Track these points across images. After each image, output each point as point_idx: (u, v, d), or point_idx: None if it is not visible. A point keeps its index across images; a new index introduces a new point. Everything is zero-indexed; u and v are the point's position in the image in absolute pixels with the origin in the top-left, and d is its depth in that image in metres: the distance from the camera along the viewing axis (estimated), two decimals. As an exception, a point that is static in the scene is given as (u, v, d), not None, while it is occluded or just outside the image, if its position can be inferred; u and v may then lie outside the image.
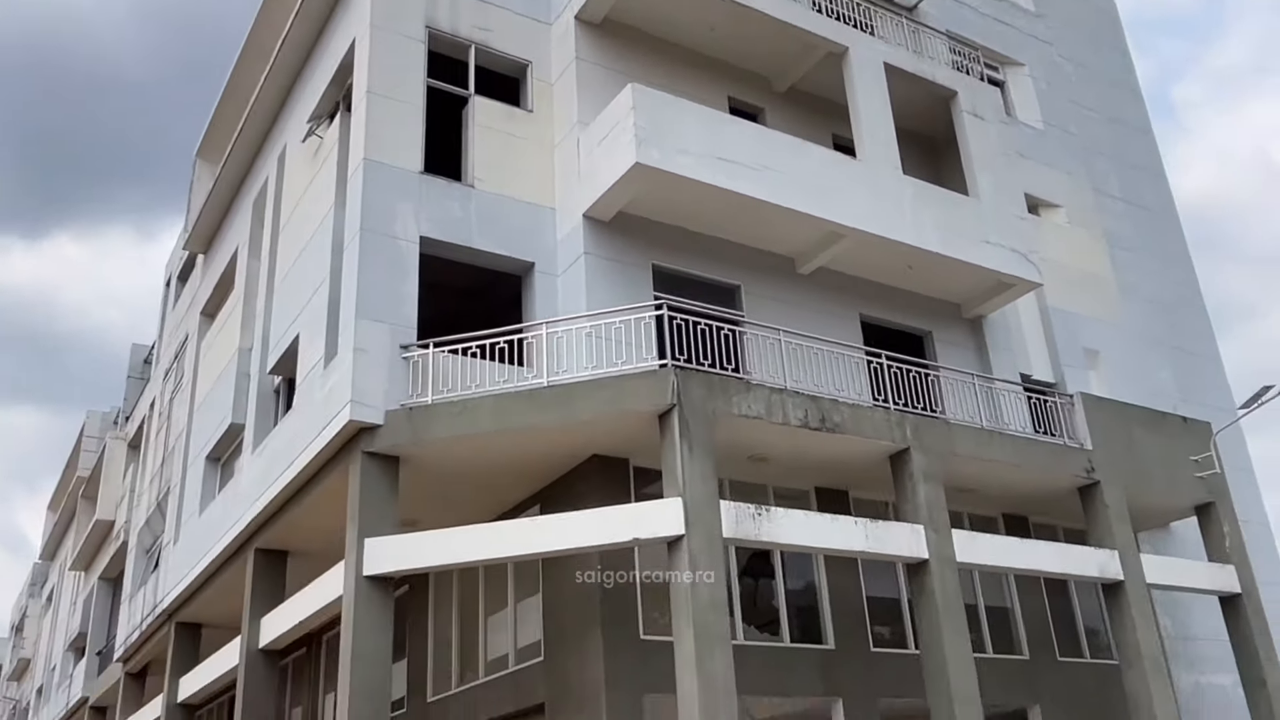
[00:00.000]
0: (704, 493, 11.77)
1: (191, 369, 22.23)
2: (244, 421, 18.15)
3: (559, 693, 13.40)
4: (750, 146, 15.23)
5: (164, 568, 21.06)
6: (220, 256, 21.94)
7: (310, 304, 15.17)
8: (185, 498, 20.67)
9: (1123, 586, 15.22)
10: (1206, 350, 22.73)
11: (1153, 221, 23.45)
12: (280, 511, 15.40)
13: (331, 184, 15.27)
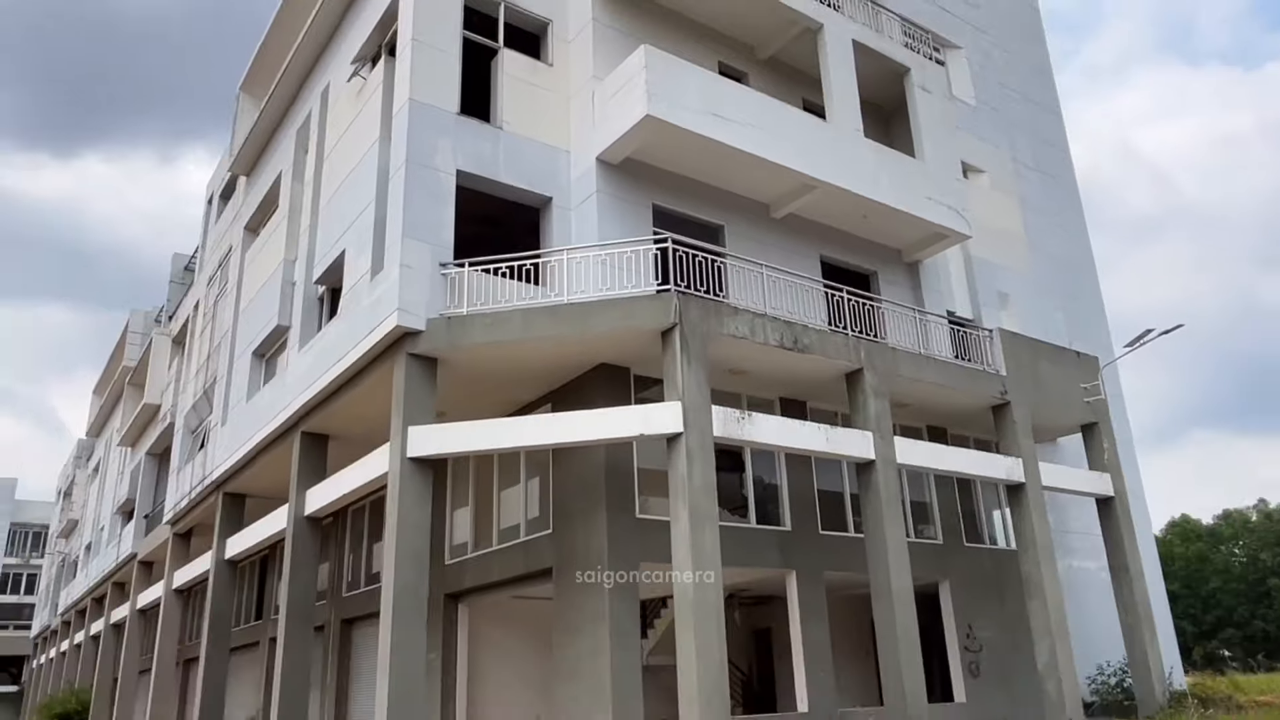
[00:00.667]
0: (699, 399, 11.90)
1: (236, 276, 21.68)
2: (289, 323, 17.81)
3: (565, 559, 13.60)
4: (741, 106, 15.05)
5: (212, 446, 20.81)
6: (263, 179, 21.27)
7: (356, 224, 14.83)
8: (232, 387, 20.35)
9: (1024, 488, 15.74)
10: (1092, 298, 23.24)
11: (1057, 189, 23.71)
12: (325, 401, 15.23)
13: (376, 120, 14.82)
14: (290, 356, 16.88)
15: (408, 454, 12.28)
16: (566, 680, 13.02)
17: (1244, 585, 66.59)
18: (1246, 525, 72.13)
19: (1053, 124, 24.52)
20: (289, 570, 15.44)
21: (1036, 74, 24.63)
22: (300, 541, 15.60)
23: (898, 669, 12.86)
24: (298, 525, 15.64)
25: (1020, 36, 24.59)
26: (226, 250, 23.49)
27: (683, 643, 11.06)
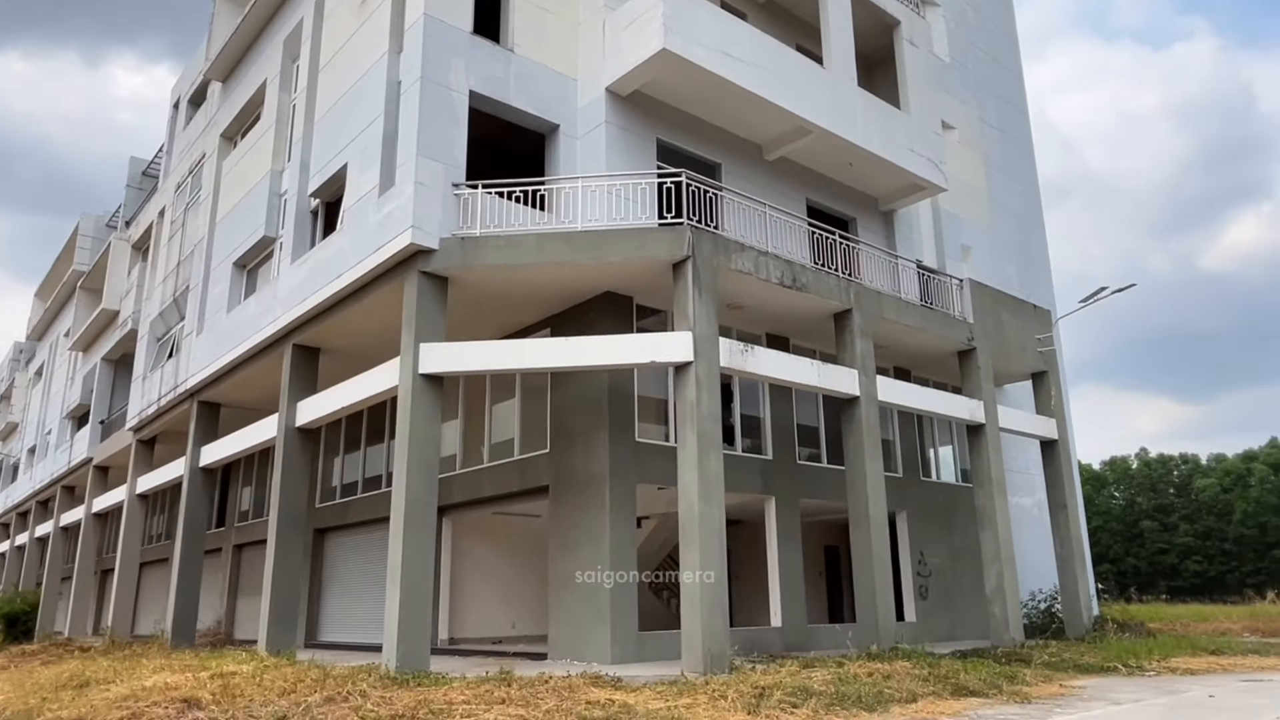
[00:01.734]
0: (708, 330, 11.95)
1: (212, 185, 20.67)
2: (276, 235, 17.19)
3: (562, 478, 13.68)
4: (748, 45, 14.86)
5: (186, 355, 20.05)
6: (243, 86, 20.16)
7: (361, 138, 14.23)
8: (209, 297, 19.57)
9: (984, 428, 16.33)
10: (1040, 254, 23.89)
11: (1016, 149, 24.12)
12: (321, 315, 14.80)
13: (385, 33, 14.12)
14: (281, 269, 16.28)
15: (419, 370, 12.09)
16: (563, 592, 13.18)
17: (1121, 526, 70.82)
18: (1128, 472, 76.39)
19: (1015, 86, 24.84)
20: (280, 479, 15.14)
21: (1004, 36, 24.83)
22: (291, 451, 15.30)
23: (871, 589, 13.39)
24: (289, 436, 15.32)
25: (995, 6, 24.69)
26: (199, 157, 22.33)
27: (687, 559, 11.29)
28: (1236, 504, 68.10)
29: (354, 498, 19.15)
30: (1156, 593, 59.04)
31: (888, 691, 9.57)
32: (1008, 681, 10.65)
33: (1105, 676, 12.15)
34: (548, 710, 8.24)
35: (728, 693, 9.20)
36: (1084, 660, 13.25)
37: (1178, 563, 68.22)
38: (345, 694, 9.09)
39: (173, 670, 12.55)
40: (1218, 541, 68.11)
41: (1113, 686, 10.97)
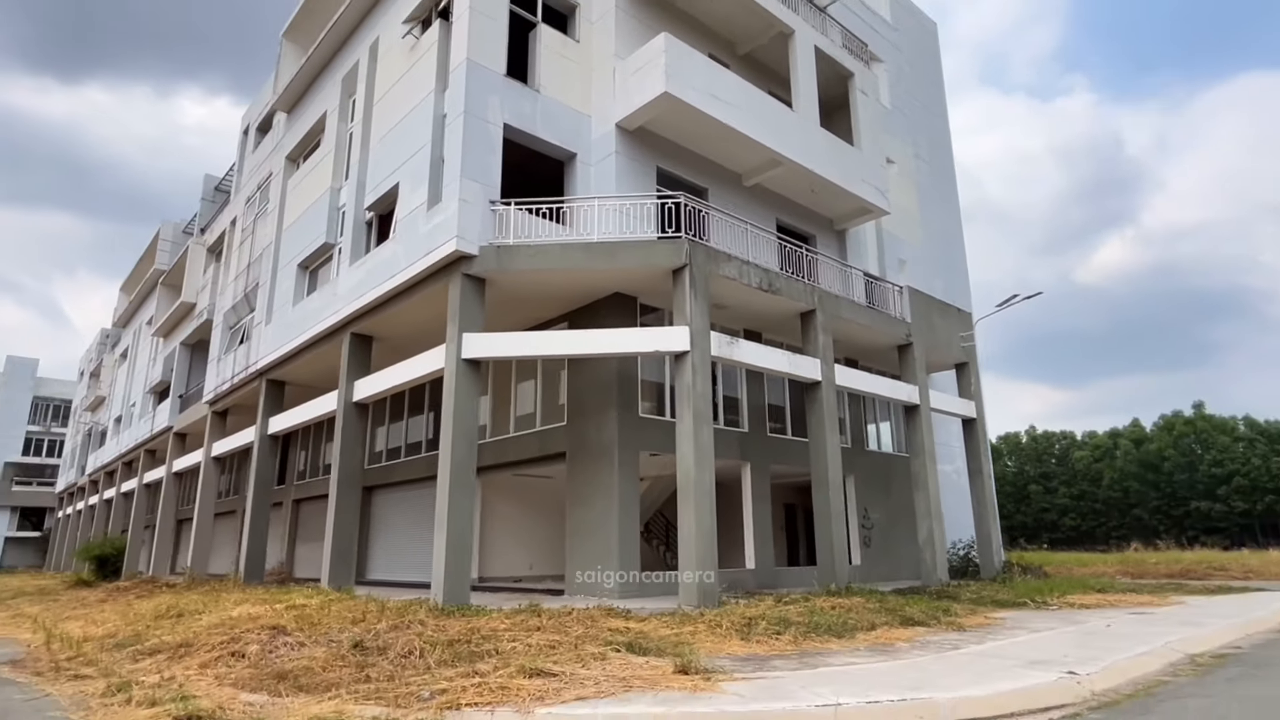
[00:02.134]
0: (701, 325, 11.93)
1: (278, 199, 20.31)
2: (335, 241, 16.93)
3: (577, 445, 13.63)
4: (733, 90, 14.81)
5: (256, 341, 19.74)
6: (306, 117, 19.81)
7: (411, 162, 14.04)
8: (276, 293, 19.26)
9: (919, 409, 16.46)
10: (961, 268, 24.05)
11: (942, 180, 24.22)
12: (376, 309, 14.59)
13: (432, 74, 13.92)
14: (340, 270, 16.05)
15: (462, 356, 11.98)
16: (579, 540, 13.16)
17: (1013, 489, 71.79)
18: (1018, 445, 77.41)
19: (941, 128, 24.93)
20: (340, 445, 14.95)
21: (933, 88, 24.89)
22: (349, 422, 15.11)
23: (830, 539, 13.48)
24: (347, 409, 15.13)
25: (924, 57, 24.73)
26: (267, 176, 21.91)
27: (684, 515, 11.29)
28: (1105, 472, 69.26)
29: (397, 461, 18.99)
30: (1039, 543, 60.02)
31: (851, 621, 9.64)
32: (944, 614, 10.75)
33: (1018, 610, 12.27)
34: (578, 636, 8.22)
35: (722, 622, 9.24)
36: (999, 597, 13.39)
37: (1057, 519, 69.42)
38: (406, 622, 9.01)
39: (251, 603, 12.35)
40: (1089, 502, 69.26)
41: (1027, 619, 11.09)
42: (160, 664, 7.95)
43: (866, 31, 21.30)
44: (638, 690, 5.99)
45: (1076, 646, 8.20)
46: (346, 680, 6.53)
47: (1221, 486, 62.32)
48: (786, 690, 5.96)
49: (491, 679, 6.24)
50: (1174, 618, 11.15)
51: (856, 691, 5.82)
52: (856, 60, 18.38)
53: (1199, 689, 6.50)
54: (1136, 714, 5.64)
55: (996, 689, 5.94)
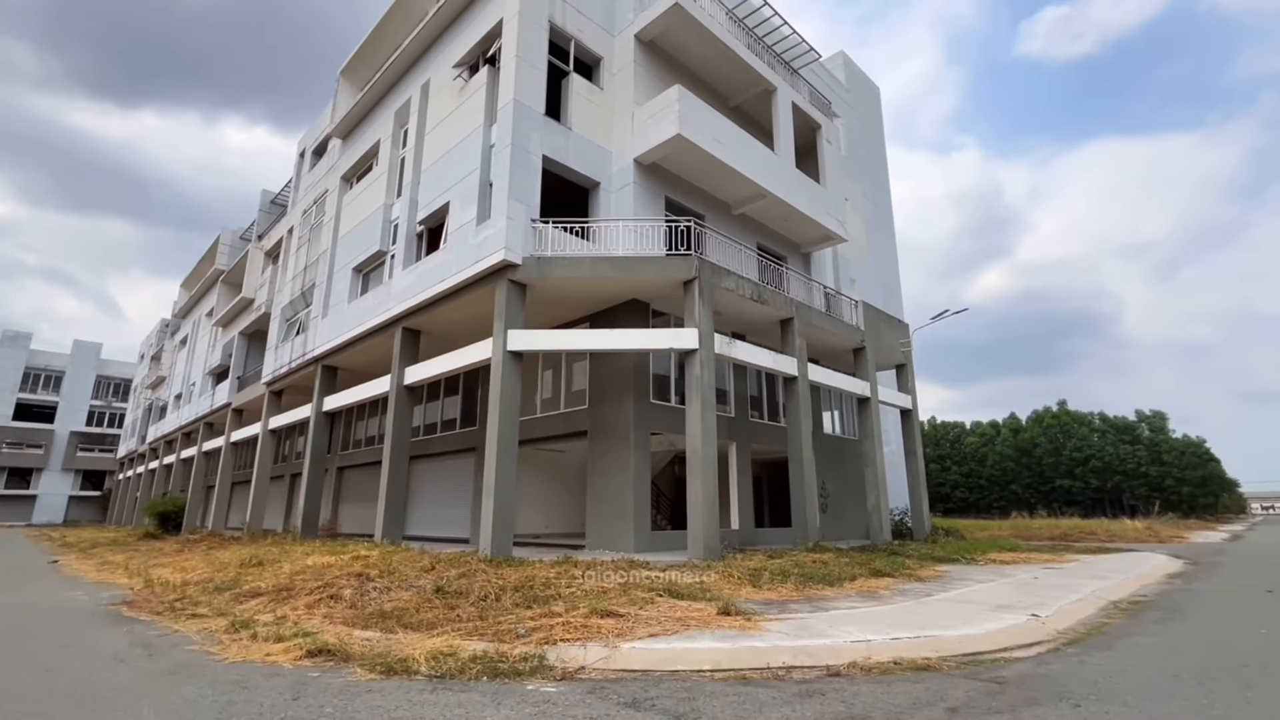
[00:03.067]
0: (707, 327, 11.90)
1: (334, 212, 19.72)
2: (387, 249, 16.52)
3: (598, 425, 13.50)
4: (730, 135, 14.78)
5: (312, 332, 19.13)
6: (360, 143, 19.27)
7: (460, 185, 13.74)
8: (332, 291, 18.70)
9: (869, 400, 16.66)
10: (896, 287, 24.43)
11: (882, 214, 24.56)
12: (426, 307, 14.24)
13: (480, 111, 13.65)
14: (395, 273, 15.64)
15: (508, 348, 11.77)
16: (599, 505, 13.04)
17: (916, 467, 72.91)
18: (922, 431, 78.80)
19: (882, 173, 25.29)
20: (393, 421, 14.59)
21: (876, 139, 25.21)
22: (400, 402, 14.74)
23: (803, 505, 13.57)
24: (399, 391, 14.76)
25: (870, 114, 25.03)
26: (323, 192, 21.27)
27: (692, 483, 11.26)
28: (989, 455, 70.99)
29: (432, 435, 18.61)
30: (936, 511, 61.36)
31: (834, 573, 9.68)
32: (902, 568, 10.88)
33: (955, 565, 12.37)
34: (621, 583, 8.13)
35: (732, 572, 9.21)
36: (936, 554, 13.52)
37: (950, 491, 70.92)
38: (469, 570, 8.82)
39: (320, 553, 11.94)
40: (976, 479, 70.90)
41: (966, 572, 11.20)
42: (266, 605, 7.64)
43: (828, 91, 21.46)
44: (695, 628, 5.94)
45: (1022, 594, 8.35)
46: (442, 620, 6.36)
47: (1079, 468, 64.44)
48: (817, 629, 5.97)
49: (569, 618, 6.14)
50: (1081, 572, 11.43)
51: (877, 629, 5.86)
52: (822, 114, 18.50)
53: (1137, 629, 6.68)
54: (1101, 649, 5.76)
55: (987, 628, 6.03)
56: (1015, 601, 7.65)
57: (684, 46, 15.43)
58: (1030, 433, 69.25)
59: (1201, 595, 9.24)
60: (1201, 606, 8.12)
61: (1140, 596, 9.06)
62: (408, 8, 17.71)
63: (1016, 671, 4.99)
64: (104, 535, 27.53)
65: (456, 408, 18.31)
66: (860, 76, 24.62)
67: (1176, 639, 6.20)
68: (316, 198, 21.71)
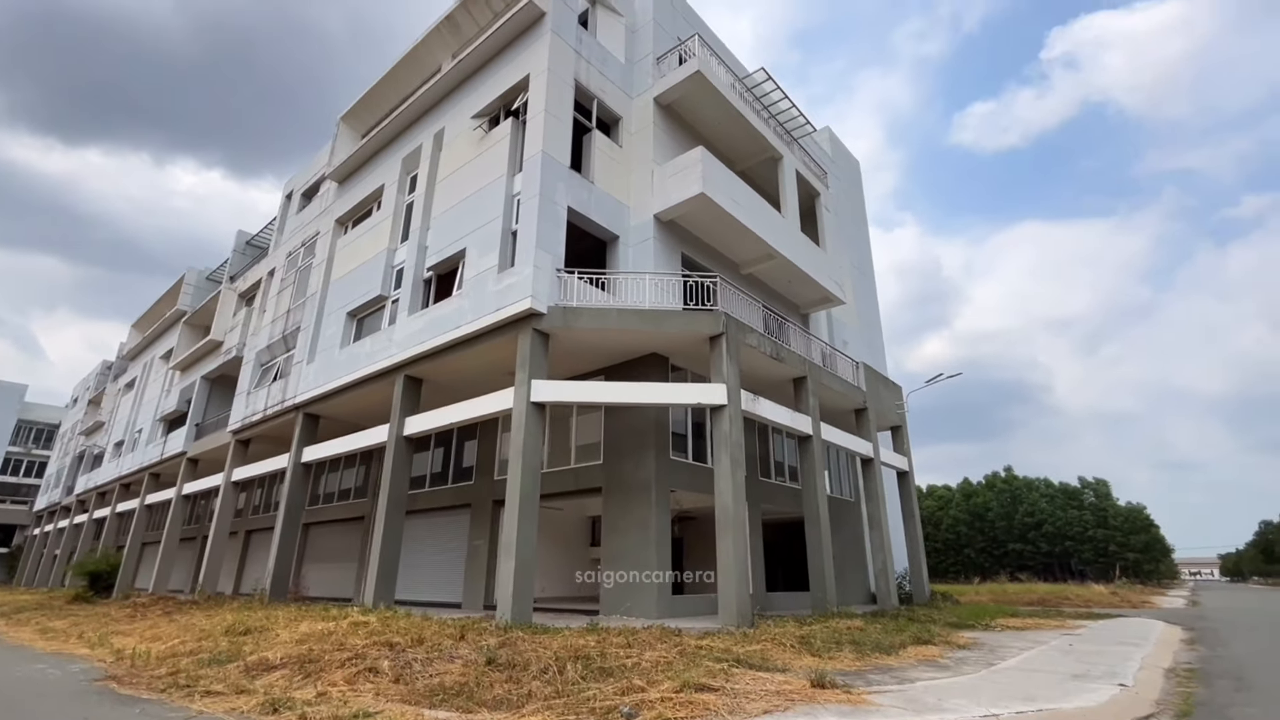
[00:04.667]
0: (735, 383, 11.78)
1: (325, 254, 19.11)
2: (388, 295, 16.00)
3: (613, 482, 13.02)
4: (745, 197, 15.15)
5: (295, 377, 18.11)
6: (360, 188, 18.89)
7: (480, 232, 13.51)
8: (320, 336, 17.89)
9: (873, 461, 16.70)
10: (880, 349, 25.03)
11: (865, 281, 25.42)
12: (435, 355, 13.72)
13: (504, 161, 13.61)
14: (399, 318, 15.08)
15: (531, 399, 11.35)
16: (615, 566, 12.39)
17: (875, 530, 73.23)
18: (879, 495, 79.55)
19: (865, 242, 26.34)
20: (390, 473, 13.75)
21: (858, 210, 26.36)
22: (399, 454, 13.95)
23: (821, 567, 13.27)
24: (398, 443, 13.99)
25: (853, 186, 26.24)
26: (313, 235, 20.66)
27: (722, 545, 10.86)
28: (943, 518, 72.16)
29: (419, 490, 17.63)
30: (899, 575, 61.34)
31: (880, 640, 9.36)
32: (933, 634, 10.62)
33: (974, 631, 12.18)
34: (678, 650, 7.59)
35: (783, 640, 8.78)
36: (950, 620, 13.34)
37: (909, 555, 71.43)
38: (509, 640, 8.13)
39: (312, 620, 10.97)
40: (931, 542, 71.46)
41: (995, 639, 10.90)
42: (290, 679, 6.79)
43: (821, 162, 22.45)
44: (800, 703, 5.52)
45: (1078, 663, 8.19)
46: (514, 696, 5.74)
47: (1031, 532, 66.04)
48: (928, 702, 5.63)
49: (661, 693, 5.62)
50: (1102, 638, 11.36)
51: (986, 703, 5.56)
52: (819, 183, 19.26)
53: (1223, 698, 6.56)
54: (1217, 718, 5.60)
55: (1093, 700, 5.82)
56: (1083, 670, 7.48)
57: (699, 111, 15.93)
58: (983, 497, 70.82)
59: (1242, 661, 9.27)
60: (1257, 672, 8.11)
61: (1186, 664, 9.02)
62: (420, 60, 17.84)
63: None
64: (21, 598, 24.67)
65: (447, 461, 17.47)
66: (844, 151, 25.93)
67: (1271, 703, 6.11)
68: (305, 240, 21.06)
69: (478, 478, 16.05)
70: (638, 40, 16.28)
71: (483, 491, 15.69)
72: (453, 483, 16.84)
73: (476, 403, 12.51)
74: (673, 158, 14.74)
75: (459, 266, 14.01)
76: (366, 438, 15.04)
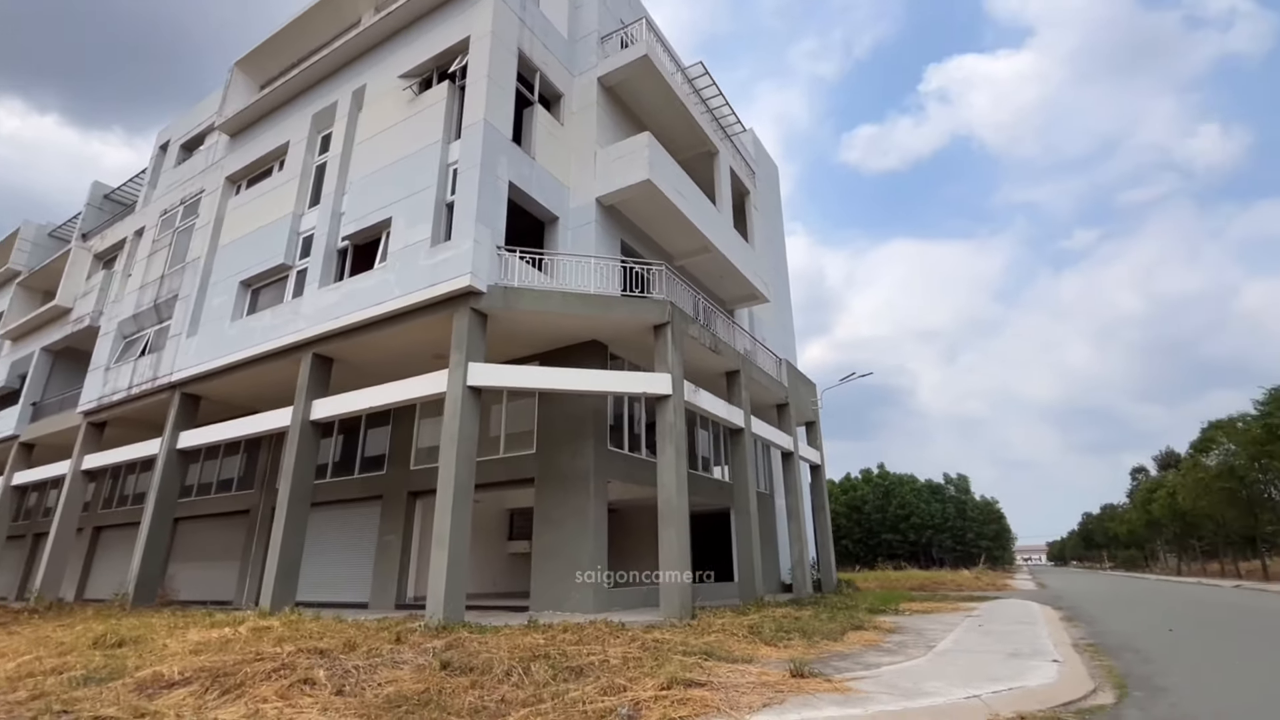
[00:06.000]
0: (679, 373, 11.65)
1: (213, 215, 16.91)
2: (293, 264, 14.45)
3: (547, 473, 12.50)
4: (687, 187, 15.08)
5: (172, 352, 15.89)
6: (259, 143, 16.87)
7: (408, 201, 12.47)
8: (206, 306, 15.82)
9: (794, 455, 17.24)
10: (791, 349, 25.92)
11: (780, 282, 26.23)
12: (352, 332, 12.53)
13: (438, 126, 12.65)
14: (307, 291, 13.61)
15: (468, 382, 10.61)
16: (548, 559, 11.89)
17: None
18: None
19: (781, 245, 27.21)
20: (293, 462, 12.39)
21: (776, 214, 27.19)
22: (305, 440, 12.61)
23: (750, 557, 13.48)
24: (303, 427, 12.65)
25: (771, 188, 27.01)
26: (196, 192, 18.24)
27: (665, 536, 10.71)
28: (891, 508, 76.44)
29: (321, 480, 16.10)
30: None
31: (819, 627, 9.59)
32: (864, 621, 11.02)
33: (889, 616, 12.83)
34: (638, 645, 7.32)
35: (733, 630, 8.75)
36: (864, 606, 14.00)
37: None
38: (456, 642, 7.50)
39: (201, 627, 9.71)
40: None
41: (911, 624, 11.27)
42: (204, 697, 5.80)
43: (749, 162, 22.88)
44: (790, 694, 5.43)
45: (1000, 643, 8.77)
46: (489, 703, 5.21)
47: (902, 523, 71.95)
48: (905, 687, 5.73)
49: (648, 691, 5.32)
50: (999, 618, 12.33)
51: (959, 684, 5.76)
52: (749, 182, 19.62)
53: (1144, 669, 7.21)
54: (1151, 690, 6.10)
55: (1050, 678, 6.18)
56: (1014, 649, 8.01)
57: (642, 97, 15.66)
58: (860, 491, 76.18)
59: (1126, 635, 10.36)
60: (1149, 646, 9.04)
61: (1083, 640, 9.92)
62: (337, 7, 16.25)
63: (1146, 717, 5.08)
64: None
65: (351, 450, 16.10)
66: (765, 155, 26.64)
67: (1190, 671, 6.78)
68: (186, 197, 18.60)
69: (390, 467, 14.89)
70: (581, 17, 15.74)
71: (396, 482, 14.57)
72: (360, 473, 15.53)
73: (403, 385, 11.54)
74: (615, 141, 14.37)
75: (382, 237, 12.88)
76: (263, 421, 13.50)
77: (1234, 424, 33.79)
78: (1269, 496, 33.63)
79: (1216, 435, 35.53)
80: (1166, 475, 52.81)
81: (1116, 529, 69.30)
